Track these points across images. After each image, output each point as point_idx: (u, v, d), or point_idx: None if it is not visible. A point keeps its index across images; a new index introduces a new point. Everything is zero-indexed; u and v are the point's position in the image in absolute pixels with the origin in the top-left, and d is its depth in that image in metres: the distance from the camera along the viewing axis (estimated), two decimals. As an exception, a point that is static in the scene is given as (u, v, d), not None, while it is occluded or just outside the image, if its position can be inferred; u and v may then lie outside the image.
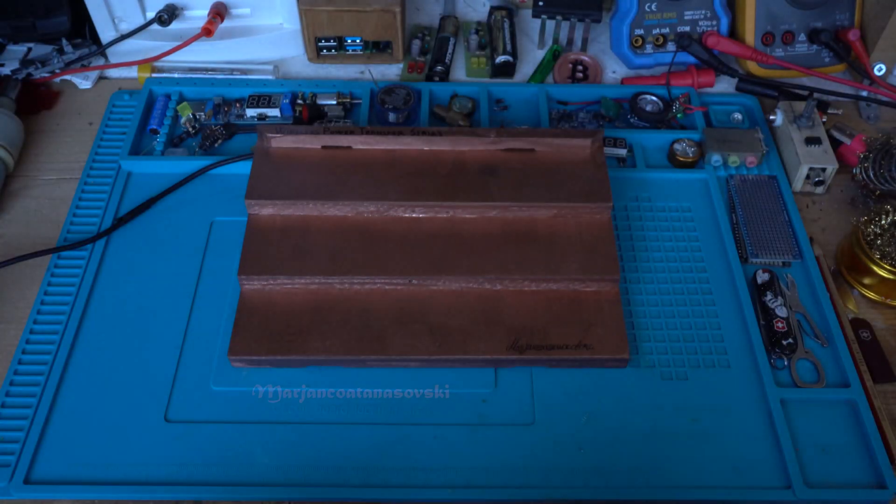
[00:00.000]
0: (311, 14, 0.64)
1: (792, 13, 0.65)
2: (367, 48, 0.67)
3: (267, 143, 0.54)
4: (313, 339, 0.47)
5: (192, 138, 0.61)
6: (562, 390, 0.48)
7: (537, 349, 0.47)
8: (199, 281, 0.52)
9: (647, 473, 0.45)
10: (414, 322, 0.48)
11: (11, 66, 0.64)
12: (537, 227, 0.52)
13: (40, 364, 0.48)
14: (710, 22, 0.66)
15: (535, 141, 0.55)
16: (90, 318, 0.51)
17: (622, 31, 0.66)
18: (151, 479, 0.44)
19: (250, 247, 0.50)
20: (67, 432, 0.46)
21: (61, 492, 0.44)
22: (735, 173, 0.59)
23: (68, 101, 0.65)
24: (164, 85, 0.63)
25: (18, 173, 0.60)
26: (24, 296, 0.52)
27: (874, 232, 0.52)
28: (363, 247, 0.50)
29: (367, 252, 0.50)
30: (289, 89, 0.63)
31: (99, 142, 0.61)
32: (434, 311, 0.49)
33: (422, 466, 0.45)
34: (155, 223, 0.56)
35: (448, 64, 0.67)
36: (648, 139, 0.61)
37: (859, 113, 0.66)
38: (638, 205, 0.57)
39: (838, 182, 0.61)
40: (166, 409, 0.47)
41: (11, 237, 0.56)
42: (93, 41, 0.67)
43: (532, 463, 0.45)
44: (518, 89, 0.65)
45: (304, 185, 0.52)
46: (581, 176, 0.54)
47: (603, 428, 0.46)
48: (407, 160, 0.54)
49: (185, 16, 0.65)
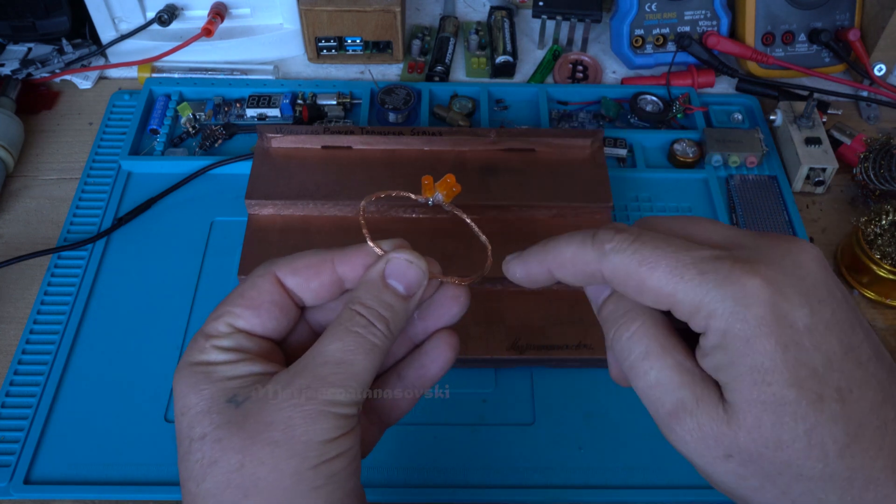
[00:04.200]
0: (311, 14, 0.64)
1: (792, 13, 0.65)
2: (367, 48, 0.67)
3: (267, 143, 0.54)
4: (313, 339, 0.47)
5: (192, 138, 0.61)
6: (562, 390, 0.48)
7: (537, 349, 0.47)
8: (199, 281, 0.52)
9: (647, 473, 0.45)
10: (414, 322, 0.48)
11: (11, 66, 0.64)
12: (537, 227, 0.52)
13: (40, 364, 0.48)
14: (710, 22, 0.66)
15: (535, 141, 0.55)
16: (90, 318, 0.51)
17: (622, 31, 0.66)
18: (151, 479, 0.44)
19: (250, 247, 0.50)
20: (67, 432, 0.46)
21: (61, 492, 0.44)
22: (735, 173, 0.59)
23: (68, 101, 0.65)
24: (164, 85, 0.63)
25: (18, 173, 0.60)
26: (24, 296, 0.52)
27: (874, 232, 0.52)
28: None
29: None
30: (289, 89, 0.63)
31: (99, 142, 0.61)
32: (434, 311, 0.49)
33: (421, 466, 0.45)
34: (155, 223, 0.56)
35: (448, 64, 0.67)
36: (648, 139, 0.61)
37: (859, 113, 0.66)
38: (638, 205, 0.57)
39: (838, 182, 0.61)
40: (166, 409, 0.47)
41: (11, 237, 0.56)
42: (93, 41, 0.67)
43: (532, 463, 0.45)
44: (518, 89, 0.65)
45: (304, 185, 0.52)
46: (581, 176, 0.54)
47: (603, 428, 0.46)
48: (407, 160, 0.54)
49: (185, 16, 0.65)
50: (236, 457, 0.27)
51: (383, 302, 0.30)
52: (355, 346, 0.29)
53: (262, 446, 0.27)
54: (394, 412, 0.34)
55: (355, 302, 0.30)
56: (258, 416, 0.28)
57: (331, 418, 0.28)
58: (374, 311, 0.30)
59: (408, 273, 0.31)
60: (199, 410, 0.28)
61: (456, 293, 0.33)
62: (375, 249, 0.31)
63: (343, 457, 0.28)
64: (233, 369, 0.29)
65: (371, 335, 0.29)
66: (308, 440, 0.27)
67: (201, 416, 0.28)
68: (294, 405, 0.28)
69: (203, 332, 0.30)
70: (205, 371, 0.29)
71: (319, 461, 0.27)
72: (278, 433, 0.27)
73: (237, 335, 0.30)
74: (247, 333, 0.30)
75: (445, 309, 0.33)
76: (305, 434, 0.27)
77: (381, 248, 0.31)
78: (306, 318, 0.33)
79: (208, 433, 0.28)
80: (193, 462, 0.28)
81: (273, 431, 0.27)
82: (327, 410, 0.28)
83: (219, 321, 0.30)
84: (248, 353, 0.30)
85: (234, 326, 0.30)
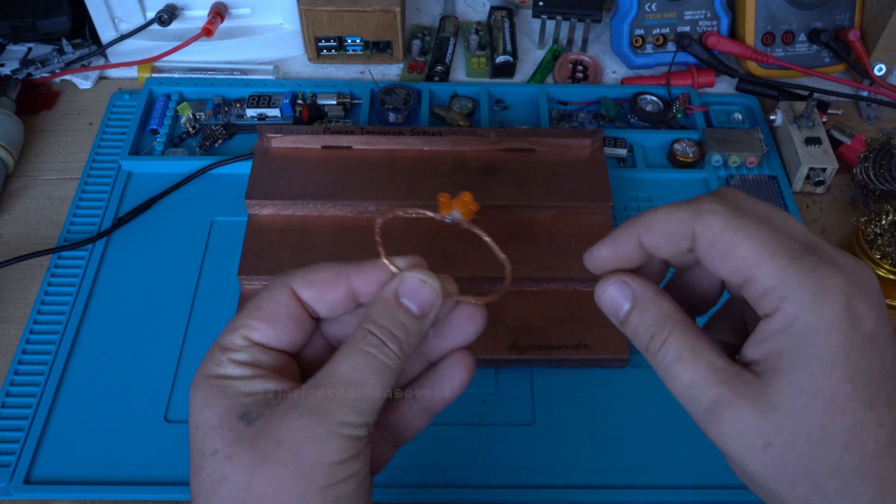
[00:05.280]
0: (311, 14, 0.64)
1: (792, 13, 0.65)
2: (367, 48, 0.67)
3: (267, 143, 0.54)
4: (313, 339, 0.47)
5: (192, 138, 0.61)
6: (562, 390, 0.48)
7: (537, 349, 0.47)
8: (199, 281, 0.52)
9: (647, 473, 0.45)
10: (414, 322, 0.48)
11: (11, 66, 0.64)
12: (537, 227, 0.52)
13: (40, 364, 0.48)
14: (710, 22, 0.66)
15: (535, 141, 0.55)
16: (90, 318, 0.51)
17: (622, 31, 0.66)
18: (151, 479, 0.44)
19: (250, 247, 0.50)
20: (67, 432, 0.46)
21: (61, 492, 0.43)
22: (735, 173, 0.59)
23: (68, 101, 0.65)
24: (164, 85, 0.63)
25: (18, 173, 0.60)
26: (24, 296, 0.52)
27: (874, 232, 0.52)
28: (363, 247, 0.50)
29: (367, 252, 0.50)
30: (289, 89, 0.63)
31: (99, 142, 0.61)
32: (434, 311, 0.49)
33: (421, 466, 0.45)
34: (155, 223, 0.56)
35: (448, 64, 0.67)
36: (648, 139, 0.61)
37: (859, 113, 0.66)
38: (638, 205, 0.57)
39: (838, 182, 0.61)
40: (166, 409, 0.47)
41: (11, 237, 0.56)
42: (93, 41, 0.67)
43: (532, 463, 0.45)
44: (518, 89, 0.65)
45: (304, 185, 0.52)
46: (581, 176, 0.54)
47: (603, 428, 0.46)
48: (407, 160, 0.54)
49: (185, 16, 0.65)
50: (245, 475, 0.27)
51: (396, 321, 0.30)
52: (367, 366, 0.29)
53: (271, 466, 0.27)
54: (407, 431, 0.34)
55: (368, 321, 0.30)
56: (269, 434, 0.28)
57: (340, 440, 0.28)
58: (387, 331, 0.30)
59: (421, 293, 0.31)
60: (212, 425, 0.29)
61: (472, 313, 0.33)
62: (390, 267, 0.31)
63: (351, 480, 0.28)
64: (247, 385, 0.29)
65: (383, 355, 0.29)
66: (316, 461, 0.27)
67: (214, 432, 0.28)
68: (303, 425, 0.28)
69: (219, 345, 0.31)
70: (220, 385, 0.29)
71: (327, 483, 0.27)
72: (287, 453, 0.27)
73: (253, 348, 0.30)
74: (263, 347, 0.31)
75: (461, 329, 0.33)
76: (314, 455, 0.27)
77: (396, 266, 0.31)
78: (321, 330, 0.33)
79: (220, 449, 0.28)
80: (205, 477, 0.28)
81: (282, 451, 0.27)
82: (337, 431, 0.28)
83: (235, 334, 0.31)
84: (264, 368, 0.30)
85: (251, 339, 0.30)
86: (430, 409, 0.34)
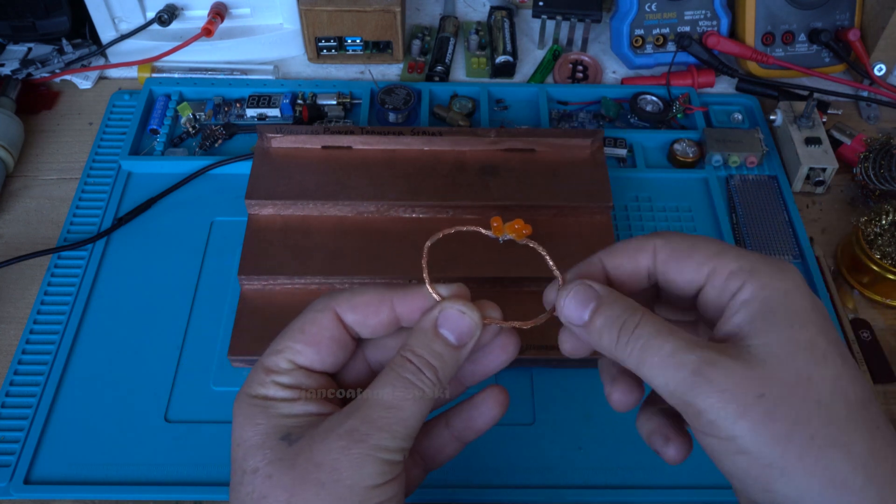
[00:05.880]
0: (311, 14, 0.64)
1: (792, 13, 0.65)
2: (367, 48, 0.67)
3: (267, 143, 0.54)
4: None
5: (192, 138, 0.61)
6: (562, 390, 0.48)
7: (537, 349, 0.47)
8: (199, 281, 0.52)
9: (647, 473, 0.45)
10: (414, 322, 0.48)
11: (11, 66, 0.64)
12: (537, 227, 0.52)
13: (40, 364, 0.48)
14: (710, 22, 0.66)
15: (535, 141, 0.55)
16: (90, 318, 0.51)
17: (622, 31, 0.66)
18: (151, 479, 0.44)
19: (250, 247, 0.50)
20: (67, 432, 0.46)
21: (61, 492, 0.44)
22: (735, 173, 0.59)
23: (68, 101, 0.65)
24: (164, 85, 0.63)
25: (18, 173, 0.60)
26: (24, 296, 0.52)
27: (874, 232, 0.52)
28: (363, 247, 0.50)
29: (367, 252, 0.50)
30: (289, 89, 0.63)
31: (99, 142, 0.61)
32: (434, 311, 0.49)
33: (422, 466, 0.45)
34: (155, 223, 0.56)
35: (448, 64, 0.67)
36: (648, 139, 0.61)
37: (859, 113, 0.66)
38: (638, 205, 0.57)
39: (838, 182, 0.61)
40: (166, 409, 0.47)
41: (11, 237, 0.56)
42: (93, 41, 0.67)
43: (532, 463, 0.45)
44: (518, 89, 0.65)
45: (304, 185, 0.52)
46: (581, 176, 0.54)
47: (603, 428, 0.46)
48: (407, 160, 0.54)
49: (185, 16, 0.65)
50: (284, 495, 0.28)
51: (433, 351, 0.31)
52: (404, 392, 0.30)
53: (309, 487, 0.28)
54: (438, 458, 0.35)
55: (407, 349, 0.31)
56: (308, 455, 0.28)
57: (377, 463, 0.28)
58: (424, 360, 0.31)
59: (460, 323, 0.31)
60: (253, 444, 0.29)
61: (505, 343, 0.34)
62: (433, 294, 0.32)
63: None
64: (290, 407, 0.30)
65: (420, 382, 0.30)
66: (353, 484, 0.28)
67: (255, 450, 0.29)
68: (342, 448, 0.28)
69: (264, 366, 0.31)
70: (262, 405, 0.30)
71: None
72: (325, 475, 0.28)
73: (297, 372, 0.31)
74: (306, 370, 0.31)
75: (493, 357, 0.34)
76: (351, 478, 0.28)
77: (439, 294, 0.32)
78: (362, 350, 0.34)
79: (260, 468, 0.29)
80: (245, 494, 0.29)
81: (320, 473, 0.28)
82: (374, 455, 0.29)
83: (279, 356, 0.31)
84: (306, 391, 0.31)
85: (295, 363, 0.31)
86: (461, 439, 0.35)
